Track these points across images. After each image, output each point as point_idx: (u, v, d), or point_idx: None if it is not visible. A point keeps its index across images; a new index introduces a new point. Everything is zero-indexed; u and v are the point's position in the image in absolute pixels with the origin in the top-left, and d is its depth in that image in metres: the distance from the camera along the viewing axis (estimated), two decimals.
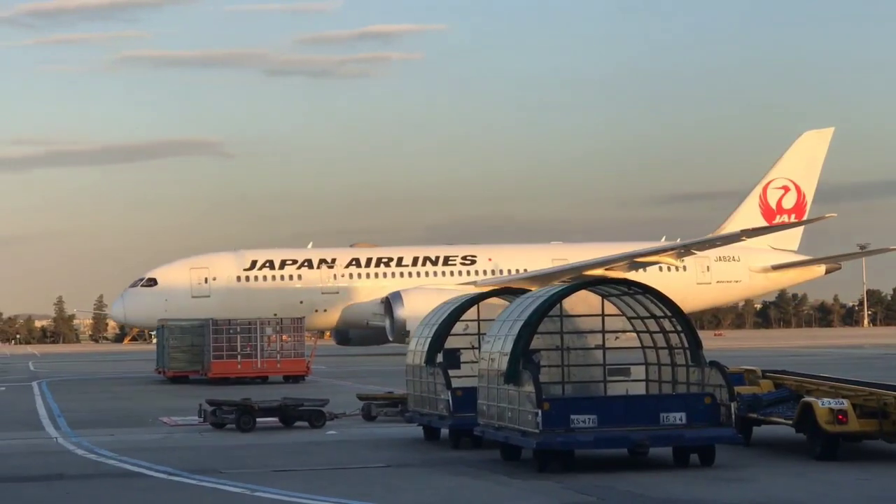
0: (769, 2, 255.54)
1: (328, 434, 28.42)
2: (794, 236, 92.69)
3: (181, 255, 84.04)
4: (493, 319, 23.75)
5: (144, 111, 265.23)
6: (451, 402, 24.55)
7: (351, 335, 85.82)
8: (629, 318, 23.51)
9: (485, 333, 24.23)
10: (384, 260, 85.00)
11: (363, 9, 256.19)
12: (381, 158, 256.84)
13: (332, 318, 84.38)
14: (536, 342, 22.10)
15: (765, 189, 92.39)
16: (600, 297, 23.40)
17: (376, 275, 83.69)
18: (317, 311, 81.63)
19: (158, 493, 19.85)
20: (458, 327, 26.25)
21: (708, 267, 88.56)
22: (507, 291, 26.98)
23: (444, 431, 25.56)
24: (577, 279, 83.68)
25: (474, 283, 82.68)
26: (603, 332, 23.57)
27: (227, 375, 49.77)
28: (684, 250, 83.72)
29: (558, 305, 22.46)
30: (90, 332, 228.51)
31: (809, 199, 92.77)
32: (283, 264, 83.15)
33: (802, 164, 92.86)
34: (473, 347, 25.80)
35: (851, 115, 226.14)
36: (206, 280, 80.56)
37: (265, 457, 24.06)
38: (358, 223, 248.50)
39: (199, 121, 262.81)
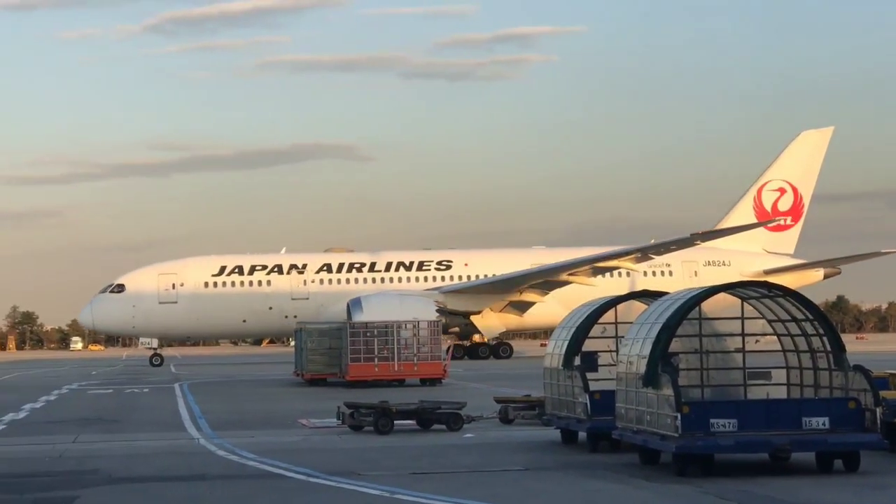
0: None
1: (465, 437, 28.43)
2: (789, 240, 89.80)
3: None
4: (631, 322, 23.60)
5: (283, 115, 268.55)
6: (588, 405, 24.43)
7: None
8: (769, 321, 23.16)
9: (623, 336, 24.09)
10: (356, 265, 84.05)
11: (500, 11, 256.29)
12: (518, 161, 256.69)
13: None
14: (675, 345, 21.88)
15: (759, 191, 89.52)
16: (740, 300, 23.09)
17: (347, 280, 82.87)
18: (286, 316, 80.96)
19: (298, 494, 20.02)
20: (595, 330, 26.12)
21: (696, 272, 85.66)
22: (646, 294, 26.72)
23: (582, 434, 25.41)
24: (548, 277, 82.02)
25: (438, 289, 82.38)
26: (743, 335, 23.24)
27: (364, 378, 50.13)
28: (642, 255, 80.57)
29: (697, 308, 22.21)
30: None
31: (807, 201, 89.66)
32: (252, 270, 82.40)
33: (800, 164, 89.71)
34: (611, 350, 25.63)
35: (853, 114, 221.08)
36: (173, 286, 79.96)
37: (403, 459, 24.15)
38: (494, 225, 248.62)
39: (337, 125, 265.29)
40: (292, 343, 67.86)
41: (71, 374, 71.73)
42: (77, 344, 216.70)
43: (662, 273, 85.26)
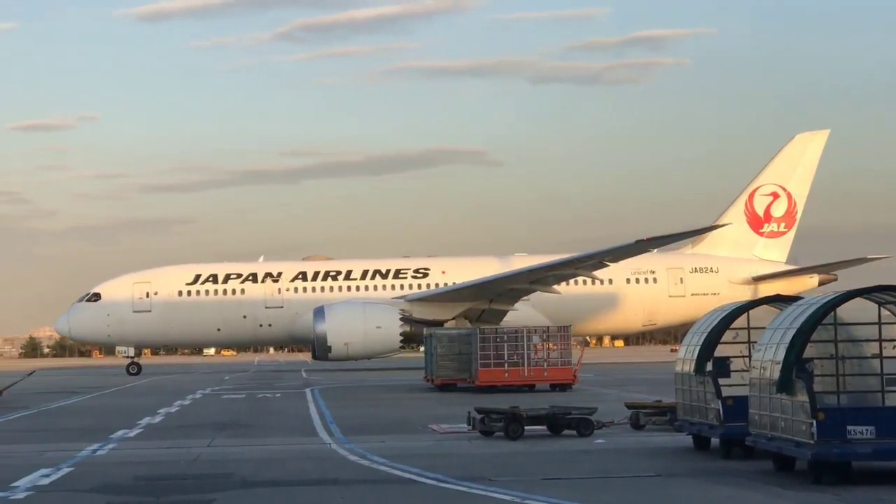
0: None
1: (596, 443, 28.30)
2: (783, 246, 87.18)
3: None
4: (763, 328, 23.28)
5: (412, 121, 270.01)
6: (721, 411, 24.18)
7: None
8: None
9: (755, 342, 23.77)
10: (332, 273, 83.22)
11: (631, 14, 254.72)
12: (647, 165, 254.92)
13: (277, 332, 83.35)
14: (810, 350, 21.51)
15: (751, 196, 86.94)
16: (877, 305, 22.63)
17: (322, 288, 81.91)
18: (261, 325, 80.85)
19: (429, 499, 20.08)
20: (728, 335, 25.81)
21: (682, 279, 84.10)
22: (779, 299, 26.33)
23: (715, 441, 25.16)
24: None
25: (404, 297, 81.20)
26: (880, 340, 22.75)
27: (494, 383, 50.14)
28: (598, 263, 77.71)
29: (832, 313, 21.81)
30: None
31: (801, 206, 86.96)
32: (226, 278, 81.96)
33: (794, 168, 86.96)
34: (744, 356, 25.32)
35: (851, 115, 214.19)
36: (147, 294, 79.75)
37: (534, 465, 24.10)
38: (625, 229, 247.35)
39: (465, 130, 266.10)
40: (421, 349, 67.98)
41: (204, 378, 72.83)
42: (209, 349, 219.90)
43: (647, 280, 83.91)
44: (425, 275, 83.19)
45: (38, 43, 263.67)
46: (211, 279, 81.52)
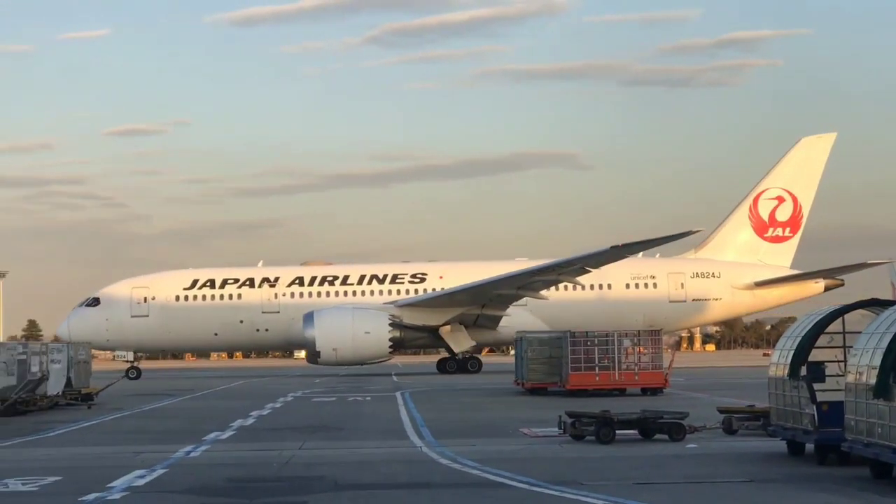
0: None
1: (688, 447, 28.09)
2: (787, 251, 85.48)
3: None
4: (859, 332, 22.95)
5: (503, 124, 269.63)
6: (816, 416, 23.88)
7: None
8: None
9: (851, 346, 23.46)
10: (329, 278, 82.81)
11: (724, 16, 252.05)
12: (740, 168, 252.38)
13: (274, 337, 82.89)
14: None
15: (756, 200, 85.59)
16: None
17: (319, 293, 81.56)
18: (258, 330, 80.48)
19: (521, 503, 20.03)
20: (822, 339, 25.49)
21: (682, 284, 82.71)
22: (875, 303, 25.95)
23: (809, 446, 24.85)
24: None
25: (394, 302, 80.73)
26: None
27: (584, 387, 49.94)
28: (580, 269, 76.94)
29: None
30: None
31: (807, 210, 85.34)
32: (224, 283, 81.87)
33: (800, 172, 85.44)
34: (839, 360, 24.99)
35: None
36: (145, 299, 79.95)
37: (626, 469, 23.97)
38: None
39: (556, 133, 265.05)
40: (512, 352, 67.72)
41: (295, 382, 73.25)
42: (301, 352, 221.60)
43: (646, 285, 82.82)
44: (422, 280, 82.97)
45: (131, 48, 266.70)
46: (208, 284, 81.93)
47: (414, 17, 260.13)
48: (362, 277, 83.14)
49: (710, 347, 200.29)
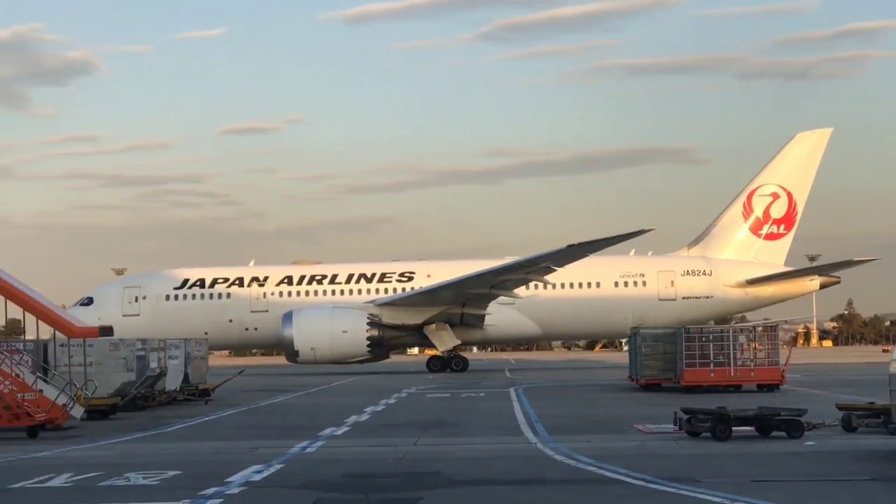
0: None
1: (806, 445, 27.69)
2: (781, 248, 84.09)
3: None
4: None
5: (616, 119, 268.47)
6: None
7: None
8: None
9: None
10: (317, 277, 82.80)
11: (842, 6, 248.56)
12: (859, 161, 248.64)
13: (263, 336, 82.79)
14: None
15: (750, 196, 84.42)
16: None
17: (307, 293, 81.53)
18: (247, 329, 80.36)
19: (637, 500, 19.88)
20: None
21: (672, 281, 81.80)
22: None
23: None
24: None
25: (373, 301, 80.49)
26: None
27: (699, 384, 49.55)
28: (546, 268, 76.28)
29: None
30: (562, 340, 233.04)
31: (801, 207, 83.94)
32: (213, 283, 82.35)
33: (795, 168, 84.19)
34: None
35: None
36: (136, 299, 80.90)
37: (742, 466, 23.69)
38: (840, 227, 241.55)
39: (671, 127, 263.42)
40: (626, 348, 67.35)
41: (408, 378, 73.55)
42: (413, 349, 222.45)
43: (635, 283, 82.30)
44: (410, 278, 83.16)
45: (245, 47, 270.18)
46: (198, 284, 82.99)
47: (526, 13, 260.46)
48: (350, 276, 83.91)
49: (827, 343, 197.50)
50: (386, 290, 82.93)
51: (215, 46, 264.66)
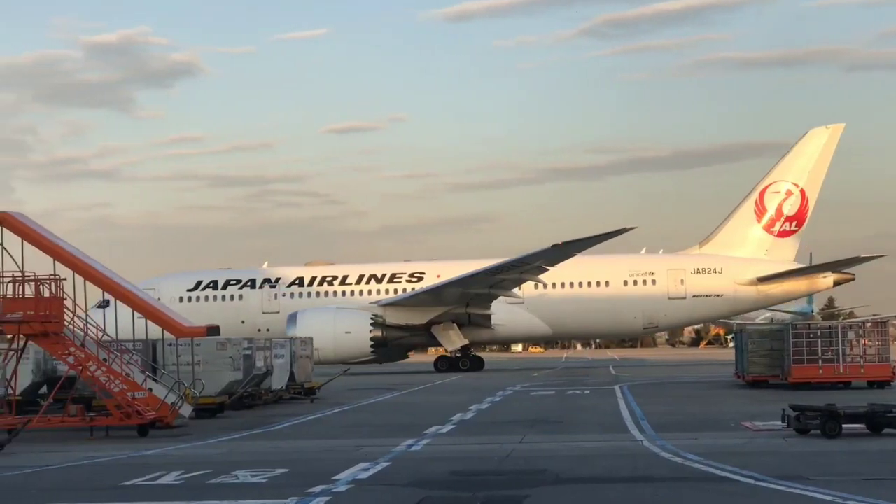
0: None
1: None
2: (792, 244, 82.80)
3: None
4: None
5: (721, 114, 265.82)
6: None
7: None
8: None
9: None
10: (328, 278, 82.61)
11: None
12: None
13: (275, 337, 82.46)
14: None
15: (762, 193, 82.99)
16: None
17: (318, 294, 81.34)
18: (259, 330, 79.26)
19: (746, 498, 19.65)
20: None
21: (682, 280, 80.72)
22: None
23: None
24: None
25: (377, 302, 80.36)
26: None
27: (807, 380, 48.95)
28: (539, 268, 76.26)
29: None
30: (667, 336, 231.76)
31: (812, 204, 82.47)
32: (226, 284, 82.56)
33: (807, 165, 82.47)
34: None
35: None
36: None
37: (854, 464, 23.33)
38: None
39: (776, 122, 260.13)
40: (731, 345, 66.81)
41: (513, 375, 73.52)
42: (517, 346, 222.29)
43: (644, 282, 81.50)
44: (420, 279, 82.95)
45: (348, 47, 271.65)
46: (211, 285, 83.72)
47: (628, 8, 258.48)
48: (361, 277, 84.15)
49: None
50: (395, 291, 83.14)
51: (318, 46, 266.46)
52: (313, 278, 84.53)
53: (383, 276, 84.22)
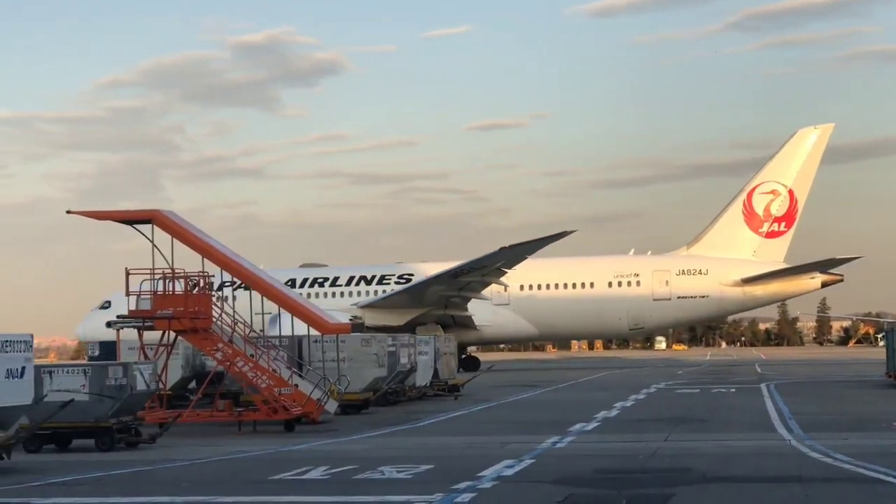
0: None
1: None
2: (781, 245, 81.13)
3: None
4: None
5: (869, 108, 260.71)
6: None
7: None
8: None
9: None
10: (319, 280, 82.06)
11: None
12: None
13: None
14: None
15: (750, 194, 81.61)
16: None
17: (309, 295, 79.05)
18: (251, 331, 77.97)
19: None
20: None
21: (667, 281, 79.64)
22: None
23: None
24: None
25: (356, 303, 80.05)
26: None
27: None
28: (499, 269, 75.57)
29: None
30: (813, 335, 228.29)
31: (802, 204, 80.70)
32: (221, 286, 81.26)
33: (795, 165, 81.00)
34: None
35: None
36: None
37: None
38: None
39: None
40: (882, 343, 65.52)
41: (657, 373, 73.01)
42: (661, 344, 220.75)
43: (629, 284, 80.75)
44: (408, 280, 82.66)
45: (490, 44, 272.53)
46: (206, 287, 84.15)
47: (775, 1, 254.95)
48: (351, 279, 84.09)
49: None
50: (384, 292, 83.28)
51: (461, 44, 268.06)
52: (305, 279, 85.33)
53: (373, 277, 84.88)
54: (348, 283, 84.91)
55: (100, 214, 40.27)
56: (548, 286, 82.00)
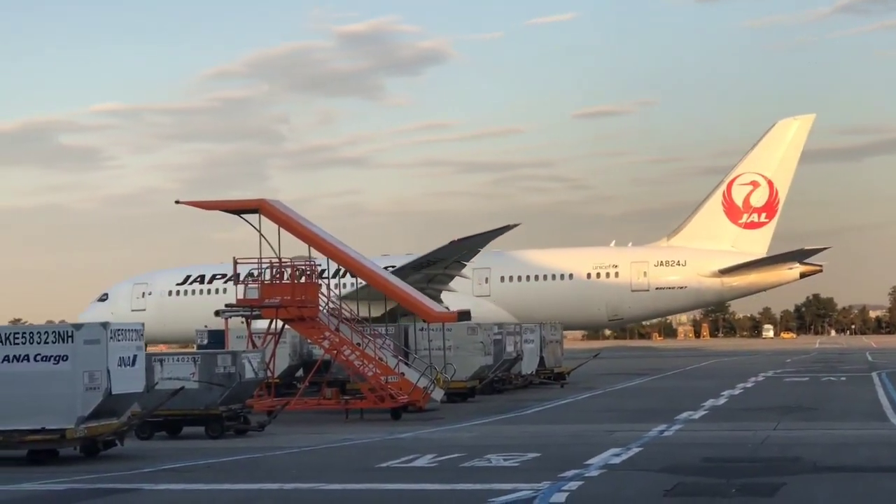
0: None
1: None
2: (763, 238, 79.68)
3: None
4: None
5: None
6: None
7: None
8: None
9: None
10: (308, 272, 79.18)
11: None
12: None
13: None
14: None
15: (730, 185, 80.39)
16: None
17: None
18: (243, 323, 76.45)
19: None
20: None
21: (645, 272, 78.81)
22: None
23: None
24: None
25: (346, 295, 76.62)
26: None
27: None
28: (458, 263, 74.40)
29: None
30: None
31: (783, 195, 79.35)
32: (212, 279, 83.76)
33: (775, 156, 79.57)
34: None
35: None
36: (143, 294, 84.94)
37: None
38: None
39: None
40: None
41: (765, 361, 72.28)
42: (769, 332, 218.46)
43: (608, 275, 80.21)
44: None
45: (596, 30, 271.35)
46: (198, 280, 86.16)
47: None
48: (338, 271, 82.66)
49: None
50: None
51: (566, 31, 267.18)
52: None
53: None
54: (334, 276, 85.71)
55: (207, 204, 40.79)
56: (528, 278, 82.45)
